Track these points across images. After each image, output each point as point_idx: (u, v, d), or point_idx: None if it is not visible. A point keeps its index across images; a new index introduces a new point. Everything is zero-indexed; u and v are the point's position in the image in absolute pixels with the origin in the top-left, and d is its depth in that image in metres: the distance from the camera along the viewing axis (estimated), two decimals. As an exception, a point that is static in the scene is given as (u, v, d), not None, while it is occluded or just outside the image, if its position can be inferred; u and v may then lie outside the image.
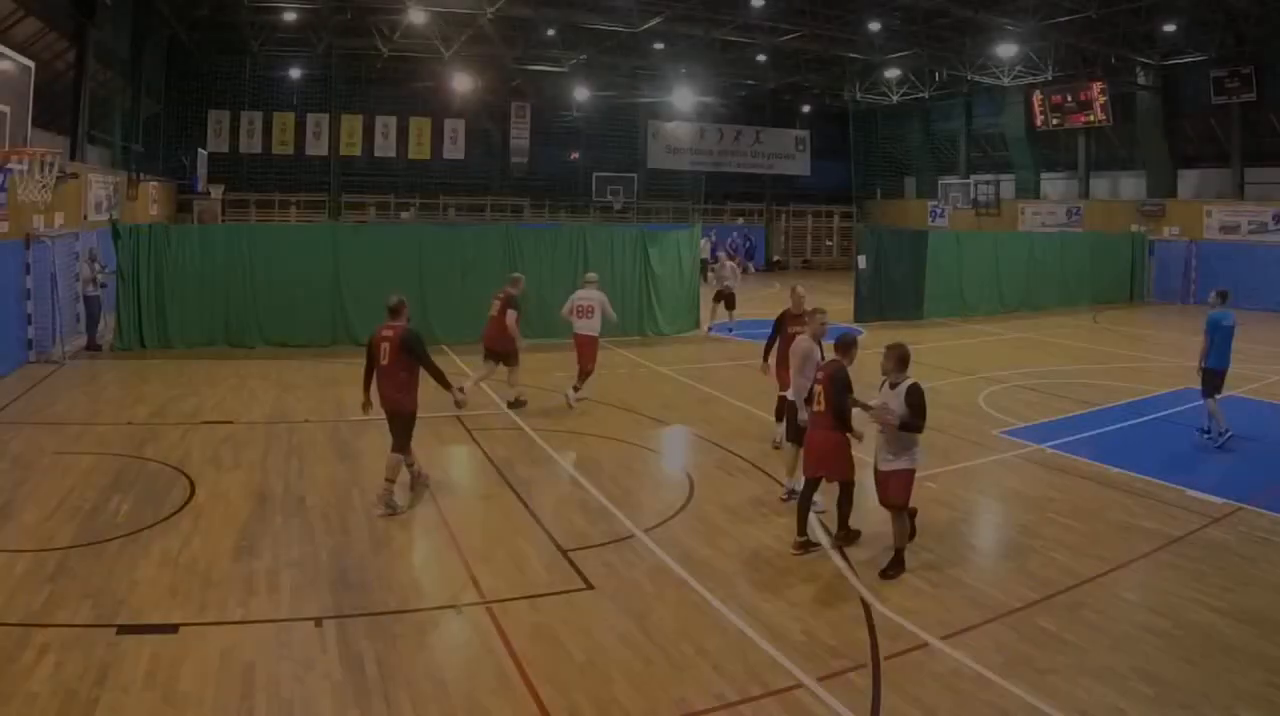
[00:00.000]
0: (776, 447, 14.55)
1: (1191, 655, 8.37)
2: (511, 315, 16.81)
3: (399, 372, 11.83)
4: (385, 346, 11.82)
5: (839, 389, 10.40)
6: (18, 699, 7.11)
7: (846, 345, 10.86)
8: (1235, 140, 40.01)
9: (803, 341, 12.41)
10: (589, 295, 18.17)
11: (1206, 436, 16.16)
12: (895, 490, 10.13)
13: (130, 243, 22.50)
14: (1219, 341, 16.00)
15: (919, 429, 9.90)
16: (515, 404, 17.60)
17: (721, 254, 25.33)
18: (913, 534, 10.76)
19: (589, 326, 18.05)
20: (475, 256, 25.00)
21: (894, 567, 10.09)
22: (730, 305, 27.80)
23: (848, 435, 10.56)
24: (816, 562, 10.42)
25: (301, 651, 8.07)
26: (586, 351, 18.09)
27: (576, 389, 17.98)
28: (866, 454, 10.87)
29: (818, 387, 10.69)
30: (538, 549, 10.69)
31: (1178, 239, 41.06)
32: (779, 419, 14.33)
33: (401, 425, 11.97)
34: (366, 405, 12.14)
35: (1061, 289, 37.18)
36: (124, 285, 22.54)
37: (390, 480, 11.91)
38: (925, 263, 32.58)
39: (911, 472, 10.15)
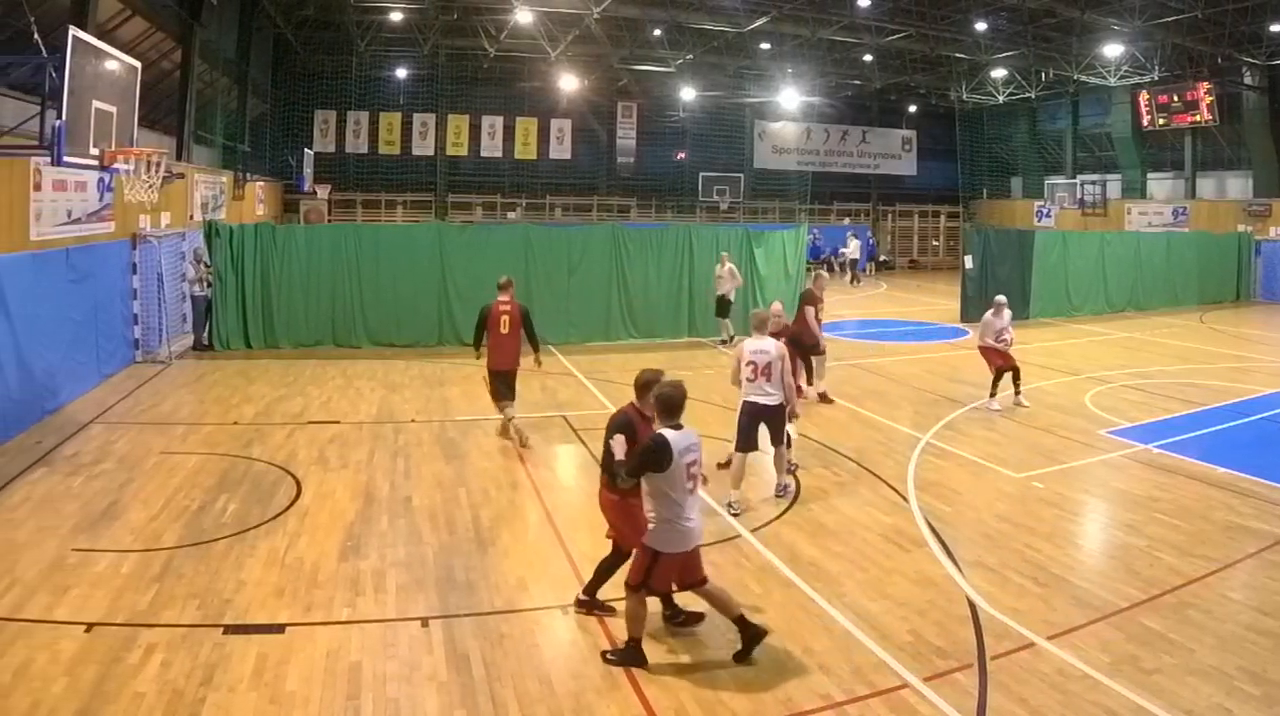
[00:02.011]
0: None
1: (1298, 655, 8.21)
2: (809, 311, 18.35)
3: (518, 339, 14.63)
4: (505, 318, 14.47)
5: (611, 439, 8.43)
6: (125, 698, 7.27)
7: (642, 385, 8.63)
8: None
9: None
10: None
11: None
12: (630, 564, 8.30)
13: (233, 243, 22.87)
14: None
15: (614, 476, 8.22)
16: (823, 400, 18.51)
17: (725, 253, 24.23)
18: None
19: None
20: (582, 256, 25.03)
21: (618, 654, 8.10)
22: (724, 313, 25.64)
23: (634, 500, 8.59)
24: (924, 563, 10.31)
25: (408, 651, 8.17)
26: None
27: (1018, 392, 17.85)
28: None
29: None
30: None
31: (1284, 239, 40.15)
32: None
33: (512, 378, 14.85)
34: (480, 353, 14.81)
35: (1168, 289, 36.56)
36: (221, 286, 22.88)
37: (513, 417, 14.96)
38: (1031, 263, 32.35)
39: (649, 554, 7.98)
